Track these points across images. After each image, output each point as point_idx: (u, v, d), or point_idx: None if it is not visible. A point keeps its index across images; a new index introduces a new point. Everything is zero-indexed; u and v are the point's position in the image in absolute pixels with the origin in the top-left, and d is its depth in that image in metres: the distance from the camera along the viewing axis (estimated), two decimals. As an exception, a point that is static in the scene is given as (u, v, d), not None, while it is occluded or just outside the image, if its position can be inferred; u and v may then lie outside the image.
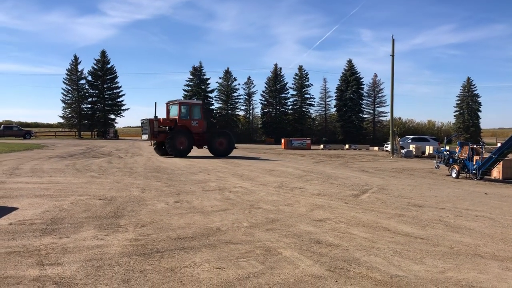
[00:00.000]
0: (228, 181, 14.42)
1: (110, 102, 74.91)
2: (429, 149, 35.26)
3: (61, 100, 72.44)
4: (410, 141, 37.86)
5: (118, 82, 75.19)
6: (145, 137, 26.71)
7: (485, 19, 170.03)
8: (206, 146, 28.03)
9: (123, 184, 12.99)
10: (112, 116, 75.64)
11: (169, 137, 25.95)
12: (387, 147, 38.82)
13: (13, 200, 9.83)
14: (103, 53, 73.77)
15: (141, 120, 27.39)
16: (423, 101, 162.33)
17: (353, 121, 72.64)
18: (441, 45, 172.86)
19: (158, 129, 26.41)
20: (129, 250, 6.06)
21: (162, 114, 29.32)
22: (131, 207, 9.33)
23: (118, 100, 75.25)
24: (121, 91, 75.35)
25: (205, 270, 5.29)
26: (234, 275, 5.14)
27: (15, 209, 8.84)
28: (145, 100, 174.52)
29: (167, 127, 27.12)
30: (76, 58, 72.17)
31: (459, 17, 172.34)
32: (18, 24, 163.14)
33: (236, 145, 30.02)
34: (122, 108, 75.41)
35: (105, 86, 73.77)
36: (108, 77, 73.89)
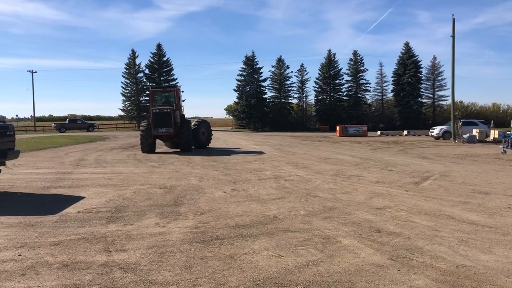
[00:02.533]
0: (283, 170, 14.40)
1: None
2: (494, 133, 33.41)
3: (120, 93, 75.38)
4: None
5: (174, 75, 77.03)
6: (164, 130, 21.33)
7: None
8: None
9: (182, 173, 13.33)
10: (169, 108, 77.59)
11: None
12: (432, 131, 37.03)
13: (80, 190, 10.37)
14: (158, 46, 75.69)
15: (154, 109, 21.49)
16: (486, 83, 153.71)
17: (411, 106, 70.07)
18: (506, 23, 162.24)
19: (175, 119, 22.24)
20: (190, 237, 6.21)
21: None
22: (190, 196, 9.55)
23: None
24: (177, 83, 77.14)
25: (264, 258, 5.32)
26: (293, 263, 5.13)
27: (82, 198, 9.32)
28: (200, 91, 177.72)
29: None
30: (133, 52, 74.67)
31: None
32: (79, 21, 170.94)
33: (289, 133, 28.68)
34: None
35: (161, 78, 75.74)
36: (164, 69, 75.80)
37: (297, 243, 5.94)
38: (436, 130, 36.06)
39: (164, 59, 75.87)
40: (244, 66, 75.25)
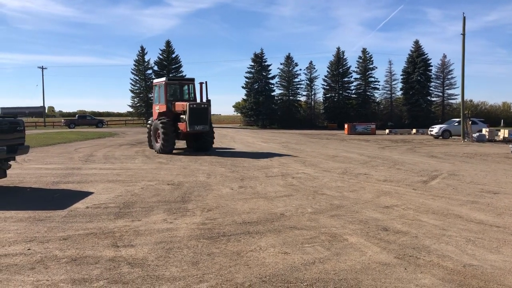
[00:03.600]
0: (291, 167, 14.40)
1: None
2: (503, 133, 33.12)
3: (129, 90, 75.63)
4: (456, 124, 35.69)
5: (182, 71, 77.07)
6: (201, 127, 19.34)
7: None
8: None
9: (190, 170, 13.39)
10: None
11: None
12: (431, 130, 36.68)
13: (89, 185, 10.45)
14: (167, 43, 75.81)
15: (191, 104, 19.06)
16: (497, 82, 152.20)
17: (420, 104, 69.59)
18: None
19: None
20: (197, 234, 6.25)
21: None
22: (197, 192, 9.60)
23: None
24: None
25: (270, 255, 5.34)
26: (299, 260, 5.15)
27: (90, 193, 9.40)
28: (208, 88, 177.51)
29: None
30: (142, 49, 74.86)
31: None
32: (88, 18, 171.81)
33: (297, 131, 27.37)
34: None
35: (170, 75, 75.92)
36: (173, 66, 75.88)
37: (303, 241, 5.95)
38: (436, 129, 35.75)
39: (173, 55, 75.95)
40: (252, 63, 75.15)
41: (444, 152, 22.07)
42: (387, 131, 48.78)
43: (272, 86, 75.82)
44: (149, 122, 21.64)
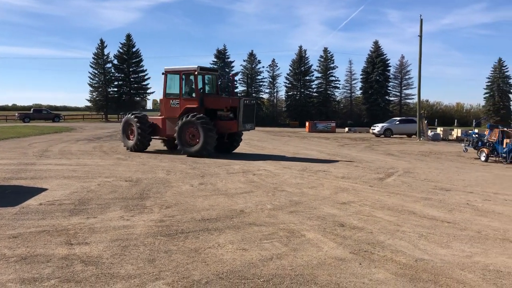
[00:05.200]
0: (252, 164, 14.44)
1: (135, 85, 75.69)
2: (457, 132, 34.49)
3: (88, 83, 73.52)
4: (397, 122, 37.04)
5: (143, 66, 75.70)
6: (249, 126, 17.33)
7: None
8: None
9: (149, 166, 13.18)
10: (138, 99, 76.51)
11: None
12: (373, 129, 37.85)
13: (43, 181, 10.10)
14: (128, 37, 74.21)
15: (245, 100, 17.07)
16: (452, 83, 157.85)
17: (379, 103, 71.34)
18: (472, 25, 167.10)
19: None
20: (154, 231, 6.16)
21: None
22: (156, 189, 9.46)
23: (144, 83, 75.96)
24: (146, 74, 75.97)
25: (228, 251, 5.33)
26: (257, 256, 5.17)
27: (44, 190, 9.08)
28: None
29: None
30: (102, 42, 72.86)
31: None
32: (46, 8, 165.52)
33: (260, 128, 26.79)
34: (148, 91, 76.21)
35: (130, 69, 74.37)
36: (134, 60, 74.42)
37: (262, 237, 5.98)
38: (378, 128, 36.77)
39: (134, 49, 74.44)
40: (215, 60, 74.81)
41: (400, 150, 22.74)
42: (346, 129, 49.75)
43: (236, 82, 75.65)
44: (132, 117, 17.94)
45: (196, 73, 16.89)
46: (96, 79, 73.62)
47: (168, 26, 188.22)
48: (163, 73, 17.55)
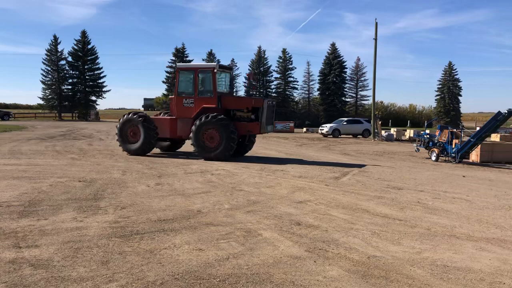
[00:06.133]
0: (211, 164, 14.38)
1: (91, 83, 73.62)
2: (409, 133, 35.69)
3: (40, 81, 70.80)
4: (345, 123, 38.22)
5: (99, 63, 73.78)
6: (270, 128, 16.67)
7: (467, 3, 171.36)
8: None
9: (104, 166, 12.86)
10: (93, 98, 74.47)
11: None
12: (322, 129, 38.83)
13: (-10, 182, 9.65)
14: (83, 34, 72.09)
15: (269, 101, 16.50)
16: (405, 85, 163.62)
17: (335, 104, 72.77)
18: (424, 29, 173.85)
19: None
20: (109, 232, 6.03)
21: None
22: (111, 189, 9.25)
23: (99, 81, 73.99)
24: (102, 72, 74.06)
25: (184, 252, 5.30)
26: (213, 256, 5.16)
27: (-8, 191, 8.69)
28: (127, 82, 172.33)
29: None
30: (55, 38, 70.39)
31: (442, 1, 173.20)
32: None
33: None
34: (104, 89, 74.29)
35: (85, 67, 72.28)
36: (89, 58, 72.38)
37: (219, 237, 5.97)
38: (326, 128, 37.61)
39: (89, 46, 72.45)
40: (174, 58, 73.95)
41: (356, 150, 23.29)
42: (304, 129, 50.47)
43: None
44: (135, 117, 16.62)
45: (215, 70, 15.94)
46: (49, 76, 71.09)
47: (125, 23, 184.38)
48: (174, 70, 16.82)
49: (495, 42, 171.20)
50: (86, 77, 73.16)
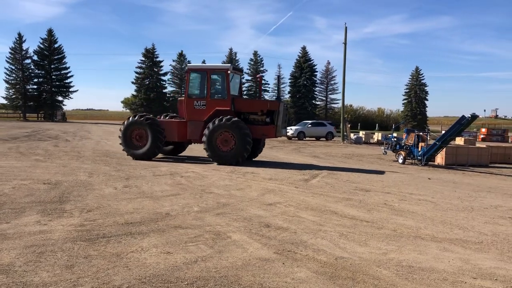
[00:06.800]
0: (180, 166, 14.26)
1: (57, 83, 71.96)
2: (377, 136, 36.38)
3: (4, 80, 68.95)
4: (310, 125, 38.88)
5: (66, 63, 72.33)
6: (284, 132, 16.65)
7: (433, 10, 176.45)
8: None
9: (70, 168, 12.56)
10: (60, 98, 72.85)
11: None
12: (287, 132, 39.43)
13: (-51, 185, 9.28)
14: (50, 32, 70.46)
15: (285, 104, 16.44)
16: (374, 89, 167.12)
17: (306, 107, 73.55)
18: (392, 35, 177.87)
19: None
20: (74, 236, 5.88)
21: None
22: (77, 192, 9.04)
23: (66, 81, 72.45)
24: (69, 72, 72.52)
25: (152, 255, 5.22)
26: (181, 259, 5.11)
27: (-50, 194, 8.35)
28: (95, 82, 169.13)
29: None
30: (20, 36, 68.45)
31: (409, 7, 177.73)
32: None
33: None
34: (71, 90, 72.73)
35: (52, 66, 70.65)
36: (56, 57, 70.82)
37: (187, 240, 5.92)
38: (291, 131, 38.02)
39: (56, 45, 70.86)
40: (143, 59, 73.18)
41: (325, 152, 23.57)
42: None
43: (164, 83, 74.59)
44: (142, 119, 15.69)
45: (229, 72, 15.50)
46: (13, 75, 69.15)
47: (94, 22, 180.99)
48: (185, 71, 16.05)
49: (458, 48, 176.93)
50: (53, 76, 71.51)
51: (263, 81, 75.77)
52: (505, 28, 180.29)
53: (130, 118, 16.26)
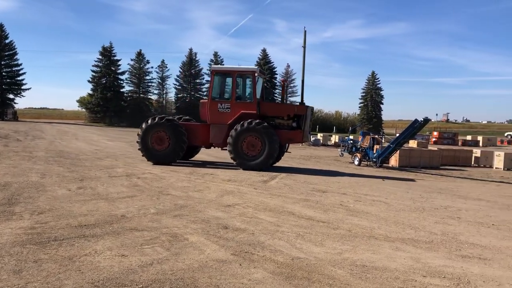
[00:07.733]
0: (137, 167, 14.00)
1: (8, 80, 68.99)
2: (335, 138, 37.10)
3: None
4: None
5: (18, 59, 69.47)
6: (310, 136, 16.43)
7: (389, 16, 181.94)
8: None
9: (21, 169, 12.07)
10: (11, 96, 69.87)
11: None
12: None
13: None
14: (0, 27, 67.48)
15: (309, 107, 15.93)
16: (332, 92, 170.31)
17: (266, 109, 73.97)
18: (350, 39, 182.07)
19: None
20: (23, 239, 5.66)
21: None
22: (28, 194, 8.70)
23: (18, 78, 69.55)
24: (22, 69, 69.68)
25: (106, 258, 5.10)
26: (137, 262, 5.02)
27: None
28: (49, 80, 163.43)
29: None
30: (-33, 30, 65.25)
31: (365, 13, 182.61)
32: None
33: None
34: (23, 87, 69.88)
35: (2, 63, 67.67)
36: (6, 53, 67.89)
37: (143, 242, 5.82)
38: None
39: (6, 41, 67.90)
40: (100, 57, 71.38)
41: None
42: (235, 133, 50.68)
43: (122, 82, 73.11)
44: (164, 121, 15.20)
45: (256, 74, 15.17)
46: (-40, 71, 65.70)
47: (48, 18, 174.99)
48: (210, 73, 15.31)
49: (413, 54, 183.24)
50: (3, 73, 68.52)
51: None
52: (457, 35, 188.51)
53: (150, 120, 15.59)
